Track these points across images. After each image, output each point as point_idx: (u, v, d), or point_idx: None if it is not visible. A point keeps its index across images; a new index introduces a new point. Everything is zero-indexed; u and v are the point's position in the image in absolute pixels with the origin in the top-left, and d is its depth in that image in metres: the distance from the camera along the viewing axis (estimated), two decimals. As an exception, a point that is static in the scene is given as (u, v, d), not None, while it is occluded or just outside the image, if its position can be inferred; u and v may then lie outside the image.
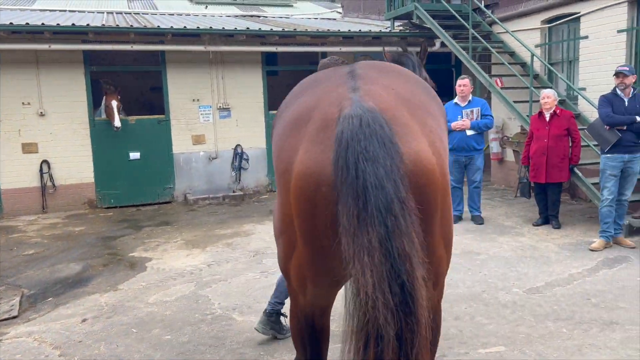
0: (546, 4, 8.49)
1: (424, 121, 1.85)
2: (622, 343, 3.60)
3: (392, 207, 1.58)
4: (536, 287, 4.75)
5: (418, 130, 1.80)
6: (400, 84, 1.99)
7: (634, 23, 7.23)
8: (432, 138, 1.82)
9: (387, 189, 1.59)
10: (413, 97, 1.95)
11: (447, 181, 1.89)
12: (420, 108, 1.91)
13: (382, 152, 1.63)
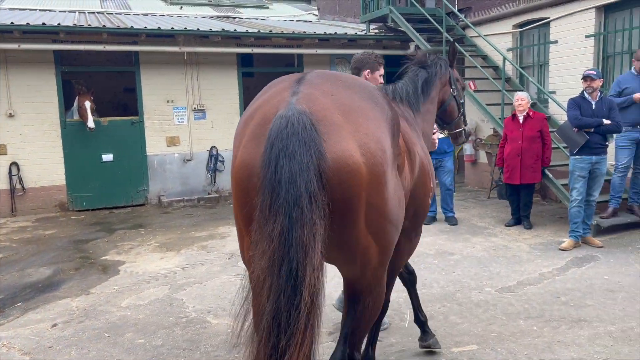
0: (517, 9, 8.66)
1: (358, 124, 1.98)
2: (590, 340, 3.70)
3: (300, 200, 1.74)
4: (508, 286, 4.84)
5: (348, 131, 1.93)
6: (341, 91, 2.10)
7: (601, 29, 7.43)
8: (364, 140, 1.95)
9: (298, 183, 1.75)
10: (352, 102, 2.06)
11: (380, 179, 1.99)
12: (357, 112, 2.03)
13: (300, 149, 1.78)
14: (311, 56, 10.39)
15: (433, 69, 3.38)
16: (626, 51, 7.15)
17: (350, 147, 1.91)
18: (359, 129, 1.98)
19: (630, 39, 7.08)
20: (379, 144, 2.02)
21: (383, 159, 2.00)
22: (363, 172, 1.91)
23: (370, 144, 1.98)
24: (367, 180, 1.93)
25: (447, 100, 3.56)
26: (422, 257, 5.78)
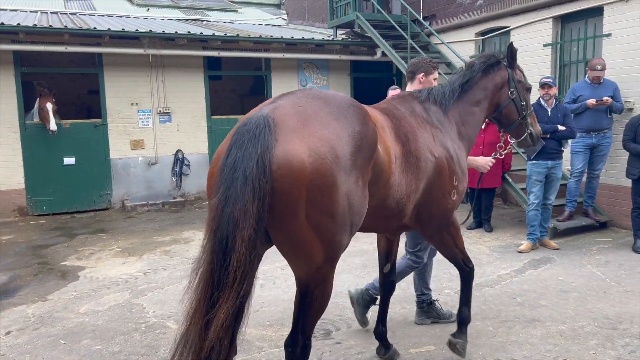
0: (479, 18, 8.89)
1: (313, 131, 2.23)
2: (542, 339, 3.82)
3: (235, 182, 2.07)
4: (467, 288, 4.94)
5: (301, 135, 2.20)
6: (312, 105, 2.36)
7: (558, 38, 7.70)
8: (316, 144, 2.19)
9: (237, 168, 2.09)
10: (315, 114, 2.31)
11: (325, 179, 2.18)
12: (316, 122, 2.28)
13: (249, 142, 2.11)
14: (279, 60, 10.41)
15: (477, 73, 3.42)
16: (581, 60, 7.43)
17: (298, 148, 2.15)
18: (312, 135, 2.21)
19: (584, 48, 7.36)
20: (332, 150, 2.22)
21: (333, 163, 2.21)
22: (307, 170, 2.14)
23: (320, 148, 2.19)
24: (309, 178, 2.14)
25: (504, 102, 3.54)
26: (385, 260, 5.85)
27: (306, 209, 2.16)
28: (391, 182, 2.64)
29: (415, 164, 2.83)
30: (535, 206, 6.09)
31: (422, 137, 2.97)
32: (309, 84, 10.88)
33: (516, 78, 3.54)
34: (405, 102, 3.18)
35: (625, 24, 6.62)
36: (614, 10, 6.77)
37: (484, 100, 3.47)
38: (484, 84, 3.43)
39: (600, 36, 7.01)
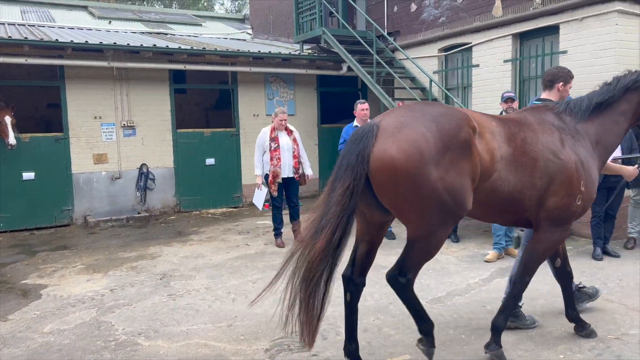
0: (442, 34, 9.16)
1: (403, 134, 3.00)
2: (514, 345, 3.92)
3: (341, 167, 3.03)
4: (438, 297, 5.03)
5: (394, 139, 2.99)
6: (410, 116, 3.11)
7: (518, 54, 8.01)
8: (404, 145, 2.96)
9: (345, 159, 3.03)
10: (410, 122, 3.05)
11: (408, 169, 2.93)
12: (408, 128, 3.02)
13: (355, 143, 3.03)
14: (245, 74, 10.41)
15: (619, 84, 3.70)
16: (540, 75, 7.73)
17: (390, 147, 2.97)
18: (403, 138, 2.98)
19: (542, 64, 7.67)
20: (417, 148, 2.95)
21: (418, 158, 2.94)
22: (395, 162, 2.94)
23: (407, 147, 2.96)
24: (397, 167, 2.94)
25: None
26: (356, 272, 5.88)
27: (396, 189, 2.99)
28: (494, 177, 3.22)
29: (532, 165, 3.32)
30: (501, 216, 6.26)
31: (545, 141, 3.40)
32: (275, 98, 10.92)
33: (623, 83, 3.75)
34: (537, 113, 3.62)
35: (580, 41, 6.96)
36: (569, 29, 7.11)
37: (628, 110, 3.74)
38: (628, 95, 3.72)
39: (557, 53, 7.34)
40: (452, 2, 8.97)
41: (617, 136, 3.76)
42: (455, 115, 3.14)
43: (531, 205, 3.40)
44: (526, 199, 3.36)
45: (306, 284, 3.05)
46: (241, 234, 8.12)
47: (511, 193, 3.29)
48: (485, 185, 3.19)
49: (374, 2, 10.81)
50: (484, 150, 3.16)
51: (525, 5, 7.64)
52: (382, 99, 8.97)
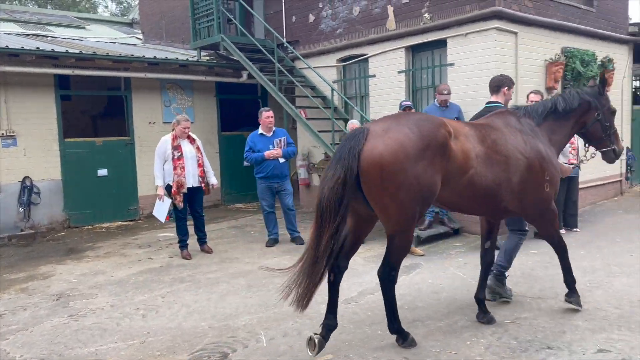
0: (340, 45, 9.50)
1: (389, 136, 3.52)
2: (425, 337, 4.17)
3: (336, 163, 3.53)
4: (351, 297, 5.20)
5: (382, 139, 3.51)
6: (395, 121, 3.67)
7: (410, 65, 8.55)
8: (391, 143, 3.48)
9: (344, 152, 3.50)
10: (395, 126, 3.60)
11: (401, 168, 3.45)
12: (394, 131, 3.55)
13: (348, 142, 3.56)
14: (140, 80, 9.97)
15: (570, 98, 4.43)
16: (430, 85, 8.34)
17: (378, 145, 3.48)
18: (390, 137, 3.51)
19: (433, 75, 8.28)
20: (400, 146, 3.48)
21: (401, 155, 3.46)
22: (382, 158, 3.45)
23: (393, 144, 3.48)
24: (384, 163, 3.45)
25: (590, 122, 4.52)
26: (269, 278, 5.89)
27: (382, 182, 3.45)
28: (471, 172, 3.77)
29: (505, 162, 3.93)
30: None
31: (512, 141, 4.03)
32: (172, 105, 10.59)
33: (603, 103, 4.51)
34: (502, 117, 4.25)
35: (465, 55, 7.61)
36: (455, 43, 7.74)
37: (574, 118, 4.47)
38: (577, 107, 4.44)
39: (445, 65, 7.95)
40: (348, 15, 9.34)
41: (565, 137, 4.53)
42: (434, 120, 3.72)
43: (508, 197, 4.01)
44: (502, 191, 3.97)
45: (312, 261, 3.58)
46: (142, 247, 7.74)
47: (490, 186, 3.88)
48: (463, 179, 3.76)
49: (272, 11, 10.93)
50: (459, 150, 3.71)
51: (416, 21, 8.19)
52: (286, 107, 9.08)
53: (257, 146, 7.36)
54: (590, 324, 4.25)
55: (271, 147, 7.33)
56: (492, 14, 7.23)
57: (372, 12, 8.90)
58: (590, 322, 4.30)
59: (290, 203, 7.51)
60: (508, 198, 4.03)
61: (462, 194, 3.83)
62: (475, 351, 3.87)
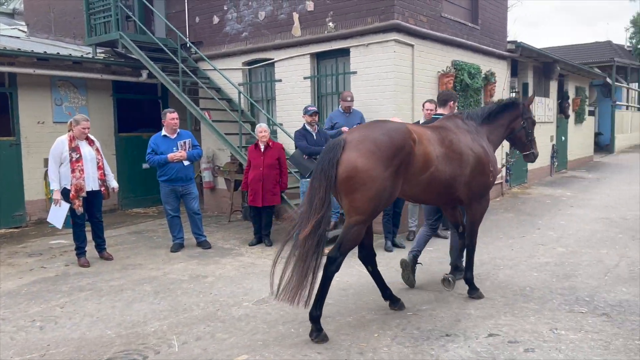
0: (245, 48, 9.52)
1: (363, 145, 4.09)
2: (336, 331, 4.37)
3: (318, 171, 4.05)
4: (263, 298, 5.27)
5: (356, 149, 4.07)
6: (368, 130, 4.25)
7: (315, 72, 8.81)
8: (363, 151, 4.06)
9: (325, 164, 4.02)
10: (368, 136, 4.15)
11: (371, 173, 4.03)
12: (367, 140, 4.12)
13: (330, 152, 4.07)
14: (27, 76, 9.24)
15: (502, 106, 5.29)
16: (335, 92, 8.65)
17: (352, 154, 4.05)
18: (363, 147, 4.08)
19: (337, 82, 8.60)
20: (372, 154, 4.06)
21: (372, 162, 4.04)
22: (356, 167, 4.03)
23: (367, 153, 4.06)
24: (357, 170, 4.02)
25: (517, 129, 5.34)
26: (177, 284, 5.79)
27: (354, 186, 4.04)
28: (432, 170, 4.42)
29: (459, 159, 4.64)
30: (309, 219, 6.82)
31: (464, 140, 4.75)
32: (64, 104, 9.94)
33: (528, 114, 5.34)
34: (452, 120, 5.00)
35: (367, 64, 8.01)
36: (357, 53, 8.12)
37: (504, 124, 5.29)
38: (506, 115, 5.28)
39: (349, 73, 8.31)
40: (254, 19, 9.40)
41: (499, 139, 5.31)
42: (402, 130, 4.27)
43: (461, 187, 4.73)
44: (457, 183, 4.68)
45: (302, 260, 4.04)
46: (32, 256, 7.19)
47: (447, 180, 4.58)
48: (425, 176, 4.41)
49: (174, 10, 10.66)
50: (422, 153, 4.34)
51: (321, 29, 8.47)
52: (190, 109, 8.92)
53: (160, 148, 7.16)
54: (481, 312, 4.71)
55: (175, 150, 7.17)
56: (391, 27, 7.69)
57: (278, 17, 9.04)
58: (481, 310, 4.76)
59: (196, 207, 7.40)
60: (461, 188, 4.74)
61: (424, 188, 4.50)
62: (383, 342, 4.13)
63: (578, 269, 5.95)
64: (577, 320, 4.46)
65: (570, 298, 5.01)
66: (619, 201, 10.58)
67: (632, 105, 29.24)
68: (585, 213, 9.38)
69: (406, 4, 7.95)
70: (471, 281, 5.11)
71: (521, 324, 4.40)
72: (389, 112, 7.72)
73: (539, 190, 12.47)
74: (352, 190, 4.04)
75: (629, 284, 5.39)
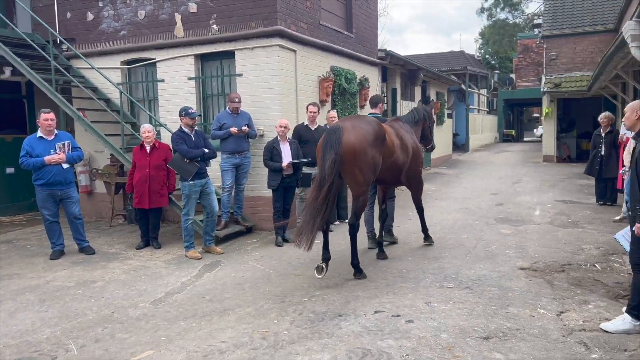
0: (124, 47, 9.24)
1: (356, 131, 5.49)
2: (238, 321, 4.59)
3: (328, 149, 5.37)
4: (159, 298, 5.30)
5: (352, 132, 5.47)
6: (357, 120, 5.72)
7: (200, 73, 8.85)
8: (358, 135, 5.46)
9: (328, 144, 5.39)
10: (358, 124, 5.59)
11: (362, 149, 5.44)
12: (358, 127, 5.54)
13: (332, 135, 5.43)
14: None
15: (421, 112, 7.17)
16: (221, 93, 8.77)
17: (352, 137, 5.41)
18: (357, 132, 5.46)
19: (223, 84, 8.73)
20: (365, 138, 5.47)
21: (364, 143, 5.45)
22: (354, 146, 5.41)
23: (360, 136, 5.45)
24: (356, 149, 5.41)
25: (426, 129, 7.27)
26: (63, 290, 5.58)
27: (355, 161, 5.44)
28: (395, 156, 5.99)
29: (406, 149, 6.28)
30: (191, 219, 6.89)
31: (407, 137, 6.43)
32: None
33: (431, 117, 7.45)
34: (397, 122, 6.70)
35: (253, 67, 8.26)
36: (243, 55, 8.33)
37: (421, 126, 7.15)
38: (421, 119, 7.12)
39: (235, 75, 8.49)
40: (133, 18, 9.16)
41: (419, 137, 7.04)
42: (378, 123, 5.84)
43: (405, 171, 6.38)
44: (404, 169, 6.33)
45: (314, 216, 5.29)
46: None
47: (402, 165, 6.24)
48: (390, 160, 5.93)
49: (42, 4, 9.96)
50: (390, 141, 5.90)
51: (205, 31, 8.54)
52: (65, 109, 8.44)
53: (35, 150, 6.75)
54: (367, 293, 5.23)
55: (52, 152, 6.81)
56: (275, 32, 8.03)
57: (159, 17, 8.92)
58: (366, 291, 5.30)
59: (77, 211, 7.08)
60: (404, 172, 6.40)
61: (388, 170, 5.99)
62: (283, 326, 4.44)
63: (444, 252, 6.80)
64: (446, 294, 5.17)
65: (439, 276, 5.75)
66: (474, 193, 12.05)
67: (482, 109, 32.95)
68: (448, 204, 10.58)
69: (288, 11, 8.35)
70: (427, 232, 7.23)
71: (401, 301, 4.99)
72: (276, 113, 8.06)
73: (408, 185, 13.68)
74: (352, 164, 5.44)
75: (485, 262, 6.31)
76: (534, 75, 33.14)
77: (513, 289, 5.24)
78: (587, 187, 12.06)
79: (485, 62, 47.65)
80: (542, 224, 8.39)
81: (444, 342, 4.04)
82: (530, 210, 9.64)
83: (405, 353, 3.86)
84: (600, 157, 9.73)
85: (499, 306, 4.78)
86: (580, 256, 6.43)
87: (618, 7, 18.41)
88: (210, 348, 4.05)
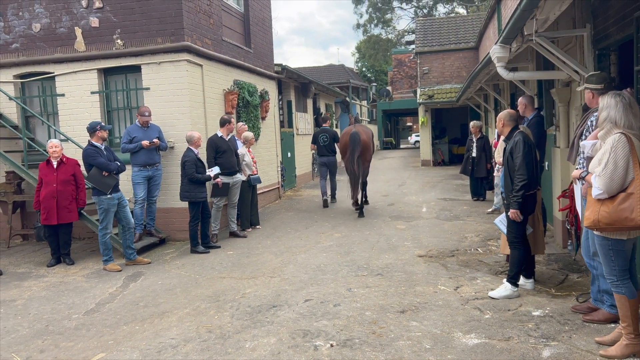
0: (17, 61, 8.86)
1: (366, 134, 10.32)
2: (179, 321, 4.88)
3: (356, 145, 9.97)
4: (91, 308, 5.38)
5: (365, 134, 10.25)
6: (360, 129, 10.39)
7: (104, 87, 8.79)
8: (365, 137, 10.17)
9: (357, 140, 9.97)
10: (363, 130, 10.47)
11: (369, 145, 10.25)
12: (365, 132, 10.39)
13: (357, 135, 10.00)
14: None
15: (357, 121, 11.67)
16: (126, 107, 8.80)
17: (364, 137, 10.12)
18: (365, 135, 10.24)
19: (129, 98, 8.76)
20: (369, 137, 10.34)
21: (369, 141, 10.27)
22: (365, 141, 10.11)
23: (367, 137, 10.26)
24: (366, 143, 10.14)
25: None
26: (-17, 311, 5.40)
27: (367, 149, 10.15)
28: (370, 149, 10.30)
29: (369, 145, 10.20)
30: (109, 232, 6.94)
31: (368, 137, 10.28)
32: None
33: None
34: (361, 126, 10.60)
35: (160, 81, 8.44)
36: (150, 70, 8.47)
37: None
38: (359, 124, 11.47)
39: (142, 89, 8.58)
40: (27, 30, 8.83)
41: None
42: (368, 128, 10.74)
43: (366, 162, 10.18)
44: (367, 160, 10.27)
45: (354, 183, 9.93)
46: None
47: (369, 157, 10.34)
48: (367, 153, 10.16)
49: None
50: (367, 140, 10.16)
51: (108, 45, 8.53)
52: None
53: None
54: (294, 287, 5.79)
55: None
56: (182, 48, 8.31)
57: (57, 31, 8.72)
58: (293, 285, 5.85)
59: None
60: (366, 163, 10.07)
61: (364, 161, 10.03)
62: (225, 321, 4.83)
63: (353, 247, 7.58)
64: (362, 281, 5.90)
65: (353, 267, 6.48)
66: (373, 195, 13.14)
67: (364, 119, 35.13)
68: (348, 206, 11.50)
69: (193, 27, 8.67)
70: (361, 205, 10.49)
71: (326, 290, 5.62)
72: (186, 126, 8.32)
73: (307, 192, 14.49)
74: (366, 152, 9.98)
75: (389, 252, 7.18)
76: (408, 87, 36.17)
77: (416, 273, 6.12)
78: (462, 186, 13.76)
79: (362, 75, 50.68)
80: (430, 219, 9.56)
81: (369, 318, 4.73)
82: (418, 208, 10.86)
83: (340, 329, 4.48)
84: (472, 159, 11.26)
85: (408, 286, 5.61)
86: (464, 243, 7.57)
87: (477, 28, 21.04)
88: (162, 345, 4.33)
